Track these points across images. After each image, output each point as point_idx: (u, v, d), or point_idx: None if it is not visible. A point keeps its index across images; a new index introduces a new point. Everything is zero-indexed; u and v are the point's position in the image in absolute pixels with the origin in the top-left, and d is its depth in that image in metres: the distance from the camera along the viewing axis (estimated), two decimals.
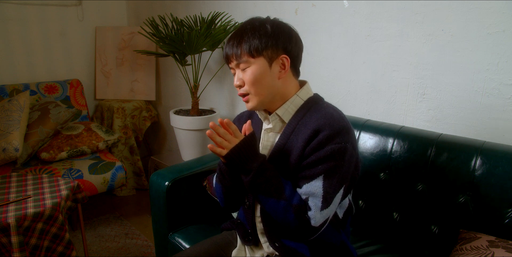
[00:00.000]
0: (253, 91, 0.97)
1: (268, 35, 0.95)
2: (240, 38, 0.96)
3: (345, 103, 1.70)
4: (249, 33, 0.95)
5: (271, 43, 0.95)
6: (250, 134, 0.93)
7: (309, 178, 0.92)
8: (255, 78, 0.95)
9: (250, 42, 0.94)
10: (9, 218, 1.38)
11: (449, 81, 1.37)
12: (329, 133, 0.90)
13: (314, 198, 0.90)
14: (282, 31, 0.97)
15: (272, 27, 0.96)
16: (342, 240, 1.06)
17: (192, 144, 2.17)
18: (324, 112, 0.96)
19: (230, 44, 0.98)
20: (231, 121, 0.92)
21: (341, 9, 1.62)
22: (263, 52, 0.95)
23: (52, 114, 2.21)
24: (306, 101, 1.01)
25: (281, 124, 1.02)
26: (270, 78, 0.96)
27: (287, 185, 0.93)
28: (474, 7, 1.26)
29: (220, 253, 1.14)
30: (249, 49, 0.94)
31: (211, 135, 0.89)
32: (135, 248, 2.08)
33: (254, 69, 0.95)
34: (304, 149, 0.93)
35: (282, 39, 0.96)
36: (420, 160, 1.26)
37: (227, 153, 0.89)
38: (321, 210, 0.90)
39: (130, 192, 2.71)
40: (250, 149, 0.91)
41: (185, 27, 2.14)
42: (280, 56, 0.96)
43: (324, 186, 0.90)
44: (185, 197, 1.52)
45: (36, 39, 2.56)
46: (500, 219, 1.10)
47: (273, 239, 1.02)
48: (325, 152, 0.90)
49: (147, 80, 2.80)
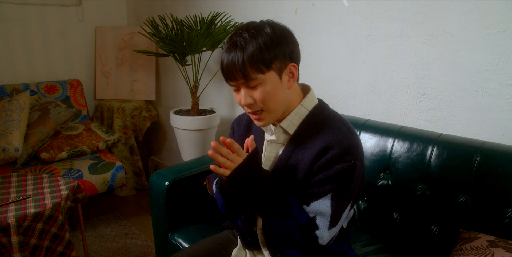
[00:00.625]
0: (268, 108, 0.89)
1: (275, 44, 0.85)
2: (243, 51, 0.84)
3: (345, 103, 1.70)
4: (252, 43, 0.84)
5: (278, 52, 0.86)
6: (253, 152, 0.87)
7: (317, 196, 0.89)
8: (270, 95, 0.87)
9: (256, 56, 0.83)
10: (9, 218, 1.38)
11: (449, 81, 1.37)
12: (339, 151, 0.86)
13: (322, 217, 0.89)
14: (285, 37, 0.88)
15: (276, 34, 0.86)
16: (344, 251, 1.04)
17: (192, 144, 2.17)
18: (332, 127, 0.91)
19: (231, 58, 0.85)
20: (233, 141, 0.86)
21: (341, 9, 1.62)
22: (272, 66, 0.86)
23: (52, 114, 2.21)
24: (311, 112, 0.95)
25: (285, 136, 0.97)
26: (282, 90, 0.89)
27: (293, 203, 0.90)
28: (474, 7, 1.26)
29: (221, 252, 1.14)
30: (257, 65, 0.84)
31: (213, 155, 0.83)
32: (135, 248, 2.08)
33: (268, 86, 0.87)
34: (312, 165, 0.89)
35: (287, 45, 0.88)
36: (420, 160, 1.26)
37: (231, 173, 0.85)
38: (329, 229, 0.89)
39: (130, 192, 2.71)
40: (254, 168, 0.86)
41: (185, 27, 2.14)
42: (288, 65, 0.89)
43: (333, 205, 0.88)
44: (185, 197, 1.52)
45: (36, 39, 2.56)
46: (500, 219, 1.10)
47: (274, 250, 1.00)
48: (334, 171, 0.87)
49: (147, 80, 2.80)
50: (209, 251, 1.13)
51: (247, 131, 1.09)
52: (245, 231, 1.05)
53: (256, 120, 0.93)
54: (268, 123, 0.93)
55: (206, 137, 2.17)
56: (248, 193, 0.89)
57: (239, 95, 0.92)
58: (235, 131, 1.13)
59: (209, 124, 2.14)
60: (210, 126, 2.15)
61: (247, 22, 0.91)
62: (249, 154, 0.86)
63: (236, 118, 1.15)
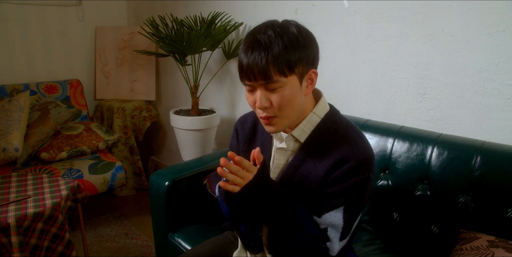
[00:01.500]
0: (282, 114, 0.85)
1: (301, 47, 0.81)
2: (268, 50, 0.79)
3: (345, 103, 1.70)
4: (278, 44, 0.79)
5: (303, 56, 0.82)
6: (263, 167, 0.83)
7: (329, 208, 0.88)
8: (288, 100, 0.83)
9: (281, 57, 0.79)
10: (9, 218, 1.38)
11: (449, 81, 1.37)
12: (355, 164, 0.85)
13: (333, 229, 0.88)
14: (309, 38, 0.84)
15: (303, 35, 0.82)
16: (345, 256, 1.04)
17: (192, 144, 2.17)
18: (347, 138, 0.89)
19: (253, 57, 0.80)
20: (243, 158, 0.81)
21: (341, 9, 1.62)
22: (295, 69, 0.82)
23: (52, 114, 2.21)
24: (323, 120, 0.92)
25: (295, 144, 0.94)
26: (300, 97, 0.86)
27: (303, 215, 0.89)
28: (474, 7, 1.26)
29: (222, 254, 1.14)
30: (281, 68, 0.80)
31: (222, 173, 0.80)
32: (135, 248, 2.08)
33: (287, 90, 0.82)
34: (326, 177, 0.88)
35: (311, 49, 0.84)
36: (420, 160, 1.26)
37: (241, 190, 0.81)
38: (340, 241, 0.89)
39: (130, 192, 2.71)
40: (265, 184, 0.83)
41: (185, 27, 2.14)
42: (310, 71, 0.85)
43: (345, 217, 0.87)
44: (185, 197, 1.52)
45: (36, 39, 2.56)
46: (500, 219, 1.10)
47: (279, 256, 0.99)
48: (349, 183, 0.86)
49: (147, 80, 2.80)
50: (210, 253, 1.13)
51: (252, 135, 1.06)
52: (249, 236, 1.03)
53: (267, 125, 0.89)
54: (279, 130, 0.89)
55: (206, 137, 2.17)
56: (258, 208, 0.86)
57: (253, 96, 0.86)
58: (239, 133, 1.10)
59: (209, 124, 2.14)
60: (210, 126, 2.15)
61: (268, 21, 0.86)
62: (258, 169, 0.83)
63: (239, 120, 1.11)
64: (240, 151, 1.09)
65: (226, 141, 2.40)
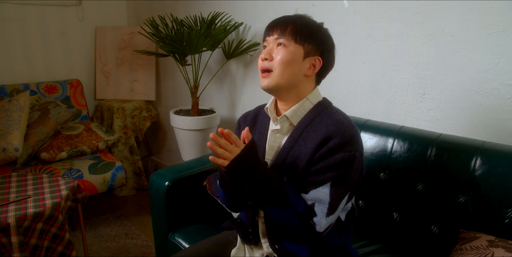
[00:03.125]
0: (278, 71, 0.96)
1: (318, 34, 0.97)
2: (295, 21, 0.96)
3: (345, 103, 1.70)
4: (302, 21, 0.97)
5: (316, 41, 0.96)
6: (250, 142, 0.90)
7: (316, 184, 0.92)
8: (286, 59, 0.95)
9: (301, 28, 0.95)
10: (9, 218, 1.38)
11: (449, 81, 1.37)
12: (340, 140, 0.91)
13: (320, 204, 0.91)
14: (328, 38, 1.01)
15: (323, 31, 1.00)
16: (342, 242, 1.06)
17: (192, 144, 2.17)
18: (334, 119, 0.96)
19: (280, 21, 0.98)
20: (231, 131, 0.89)
21: (341, 9, 1.62)
22: (305, 44, 0.95)
23: (52, 114, 2.21)
24: (315, 105, 1.01)
25: (289, 127, 1.02)
26: (298, 68, 0.96)
27: (291, 192, 0.93)
28: (474, 7, 1.26)
29: (220, 253, 1.15)
30: (296, 33, 0.95)
31: (212, 146, 0.87)
32: (135, 248, 2.08)
33: (290, 51, 0.95)
34: (313, 155, 0.93)
35: (326, 45, 0.99)
36: (420, 160, 1.26)
37: (229, 163, 0.87)
38: (327, 216, 0.91)
39: (130, 192, 2.71)
40: (252, 158, 0.89)
41: (185, 27, 2.14)
42: (316, 56, 0.98)
43: (331, 193, 0.91)
44: (185, 197, 1.52)
45: (36, 39, 2.56)
46: (500, 219, 1.10)
47: (273, 240, 1.02)
48: (334, 159, 0.90)
49: (147, 80, 2.80)
50: (208, 251, 1.14)
51: (253, 124, 1.13)
52: (248, 221, 1.08)
53: (262, 79, 0.99)
54: (269, 84, 0.97)
55: (206, 137, 2.17)
56: (246, 183, 0.91)
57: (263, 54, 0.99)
58: (241, 126, 1.17)
59: (209, 124, 2.14)
60: (210, 126, 2.15)
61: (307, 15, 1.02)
62: (246, 145, 0.89)
63: (243, 115, 1.19)
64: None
65: None
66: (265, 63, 0.97)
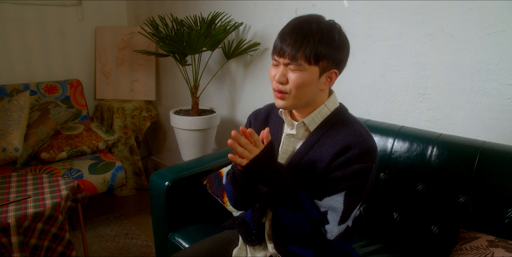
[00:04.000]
0: (293, 93, 0.93)
1: (334, 47, 0.90)
2: (304, 38, 0.88)
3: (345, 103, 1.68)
4: (315, 37, 0.88)
5: (332, 55, 0.90)
6: (270, 144, 0.89)
7: (331, 192, 0.92)
8: (303, 83, 0.91)
9: (314, 48, 0.88)
10: (9, 218, 1.38)
11: (449, 81, 1.37)
12: (359, 151, 0.90)
13: (333, 212, 0.92)
14: (345, 45, 0.93)
15: (339, 38, 0.91)
16: (347, 250, 1.06)
17: (192, 144, 2.17)
18: (353, 129, 0.95)
19: (290, 41, 0.89)
20: (254, 131, 0.88)
21: (341, 9, 1.62)
22: (320, 62, 0.90)
23: (52, 114, 2.21)
24: (333, 113, 0.99)
25: (305, 132, 1.01)
26: (315, 87, 0.93)
27: (305, 198, 0.93)
28: (474, 7, 1.26)
29: (221, 252, 1.14)
30: (309, 56, 0.88)
31: (232, 144, 0.86)
32: (135, 248, 2.08)
33: (306, 75, 0.90)
34: (330, 162, 0.92)
35: (342, 53, 0.93)
36: (420, 160, 1.26)
37: (248, 163, 0.87)
38: (339, 225, 0.92)
39: (130, 192, 2.71)
40: (270, 159, 0.88)
41: (185, 27, 2.14)
42: (332, 70, 0.93)
43: (345, 202, 0.91)
44: (185, 197, 1.52)
45: (36, 39, 2.56)
46: (500, 219, 1.10)
47: (279, 243, 1.02)
48: (352, 169, 0.90)
49: (147, 80, 2.80)
50: (209, 251, 1.14)
51: (264, 124, 1.12)
52: (254, 222, 1.07)
53: (278, 99, 0.96)
54: (286, 106, 0.95)
55: (206, 137, 2.17)
56: (262, 184, 0.91)
57: (275, 71, 0.94)
58: (252, 124, 1.16)
59: (209, 125, 2.14)
60: (210, 127, 2.15)
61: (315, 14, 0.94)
62: (265, 146, 0.88)
63: (253, 112, 1.18)
64: None
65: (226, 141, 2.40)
66: (279, 86, 0.93)
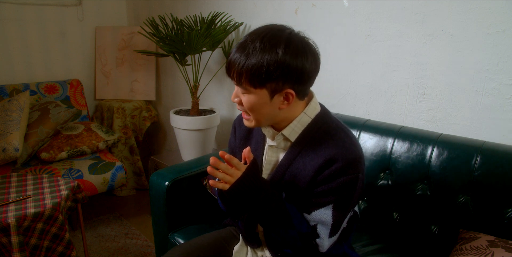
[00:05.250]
0: (252, 115, 0.91)
1: (279, 67, 0.81)
2: (247, 57, 0.82)
3: (345, 103, 1.70)
4: (258, 55, 0.81)
5: (278, 76, 0.82)
6: (251, 164, 0.87)
7: (319, 205, 0.91)
8: (253, 106, 0.88)
9: (255, 71, 0.82)
10: (9, 218, 1.38)
11: (449, 81, 1.37)
12: (343, 164, 0.87)
13: (323, 226, 0.91)
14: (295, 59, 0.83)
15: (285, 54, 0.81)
16: (345, 252, 1.06)
17: (192, 144, 2.17)
18: (336, 139, 0.91)
19: (234, 60, 0.85)
20: (232, 156, 0.86)
21: (341, 9, 1.62)
22: (266, 84, 0.84)
23: (52, 114, 2.21)
24: (314, 120, 0.94)
25: (286, 143, 0.97)
26: (270, 108, 0.89)
27: (293, 212, 0.91)
28: (474, 7, 1.26)
29: (223, 246, 1.14)
30: (252, 79, 0.83)
31: (212, 171, 0.85)
32: (135, 248, 2.08)
33: (254, 98, 0.86)
34: (315, 176, 0.90)
35: (293, 70, 0.83)
36: (420, 160, 1.26)
37: (230, 187, 0.85)
38: (329, 237, 0.91)
39: (130, 192, 2.71)
40: (253, 180, 0.86)
41: (185, 27, 2.14)
42: (285, 90, 0.86)
43: (334, 215, 0.90)
44: (185, 197, 1.52)
45: (36, 39, 2.56)
46: (500, 219, 1.10)
47: (275, 250, 1.02)
48: (337, 183, 0.88)
49: (147, 80, 2.80)
50: (212, 244, 1.14)
51: (248, 132, 1.09)
52: (245, 232, 1.07)
53: (244, 120, 0.95)
54: (253, 126, 0.94)
55: (206, 137, 2.17)
56: (248, 204, 0.89)
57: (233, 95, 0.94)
58: (236, 130, 1.14)
59: (209, 125, 2.14)
60: (210, 127, 2.15)
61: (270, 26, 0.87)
62: (247, 167, 0.86)
63: (237, 117, 1.16)
64: (237, 148, 1.12)
65: (226, 141, 2.40)
66: (240, 107, 0.92)
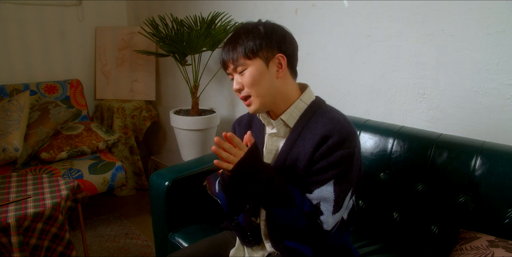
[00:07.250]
0: (254, 93, 0.96)
1: (262, 36, 0.95)
2: (235, 43, 0.96)
3: (345, 103, 1.70)
4: (242, 36, 0.96)
5: (265, 43, 0.95)
6: (253, 145, 0.91)
7: (319, 183, 0.93)
8: (254, 79, 0.95)
9: (244, 44, 0.95)
10: (9, 218, 1.38)
11: (449, 81, 1.37)
12: (338, 138, 0.92)
13: (326, 203, 0.92)
14: (275, 31, 0.98)
15: (265, 28, 0.97)
16: (345, 241, 1.07)
17: (192, 144, 2.17)
18: (330, 117, 0.97)
19: (226, 50, 0.98)
20: (234, 135, 0.90)
21: (341, 9, 1.62)
22: (259, 53, 0.95)
23: (52, 114, 2.21)
24: (309, 106, 1.01)
25: (286, 129, 1.02)
26: (269, 78, 0.96)
27: (295, 193, 0.94)
28: (474, 7, 1.26)
29: (218, 253, 1.15)
30: (244, 52, 0.95)
31: (216, 150, 0.88)
32: (135, 248, 2.08)
33: (252, 70, 0.95)
34: (313, 154, 0.94)
35: (276, 39, 0.97)
36: (420, 160, 1.26)
37: (234, 167, 0.89)
38: (333, 214, 0.93)
39: (130, 192, 2.71)
40: (255, 161, 0.90)
41: (185, 27, 2.14)
42: (276, 55, 0.97)
43: (335, 191, 0.92)
44: (185, 197, 1.52)
45: (36, 39, 2.56)
46: (500, 219, 1.10)
47: (276, 241, 1.03)
48: (334, 157, 0.92)
49: (147, 80, 2.80)
50: (206, 251, 1.14)
51: (247, 129, 1.13)
52: (247, 224, 1.08)
53: (248, 106, 1.00)
54: (257, 108, 0.98)
55: (206, 137, 2.17)
56: (251, 185, 0.92)
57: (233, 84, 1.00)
58: (236, 130, 1.17)
59: (209, 124, 2.14)
60: (210, 126, 2.15)
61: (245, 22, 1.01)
62: (249, 148, 0.90)
63: (237, 119, 1.20)
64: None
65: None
66: (241, 93, 0.99)
